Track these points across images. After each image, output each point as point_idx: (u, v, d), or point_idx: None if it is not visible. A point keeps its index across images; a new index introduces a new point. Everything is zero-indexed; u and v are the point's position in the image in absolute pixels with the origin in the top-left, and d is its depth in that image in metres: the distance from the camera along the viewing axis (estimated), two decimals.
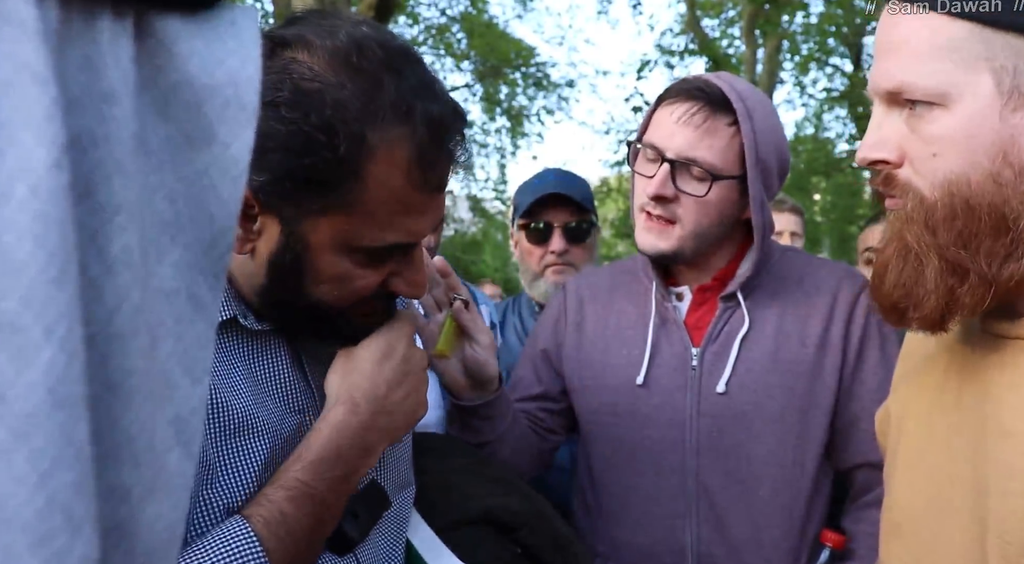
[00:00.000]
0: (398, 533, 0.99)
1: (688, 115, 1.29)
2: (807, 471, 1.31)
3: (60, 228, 0.26)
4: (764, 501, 1.30)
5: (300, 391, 0.91)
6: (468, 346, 1.21)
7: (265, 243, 0.82)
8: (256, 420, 0.83)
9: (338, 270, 0.82)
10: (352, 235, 0.80)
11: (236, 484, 0.80)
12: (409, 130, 0.77)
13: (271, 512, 0.78)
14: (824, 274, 1.39)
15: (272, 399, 0.87)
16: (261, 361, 0.88)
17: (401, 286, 0.87)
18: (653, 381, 1.37)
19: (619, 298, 1.47)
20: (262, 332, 0.89)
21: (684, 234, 1.31)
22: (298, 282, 0.83)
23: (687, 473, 1.32)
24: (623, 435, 1.38)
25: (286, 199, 0.78)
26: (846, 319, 1.33)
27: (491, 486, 1.11)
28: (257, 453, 0.82)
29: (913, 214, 0.74)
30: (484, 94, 14.88)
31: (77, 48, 0.28)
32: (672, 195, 1.30)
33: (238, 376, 0.84)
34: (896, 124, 0.76)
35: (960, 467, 0.80)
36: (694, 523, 1.32)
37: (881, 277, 0.79)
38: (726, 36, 13.57)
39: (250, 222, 0.81)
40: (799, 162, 14.50)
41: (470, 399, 1.24)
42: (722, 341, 1.35)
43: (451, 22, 14.21)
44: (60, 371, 0.27)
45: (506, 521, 1.03)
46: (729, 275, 1.39)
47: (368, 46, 0.76)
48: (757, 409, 1.31)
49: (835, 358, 1.32)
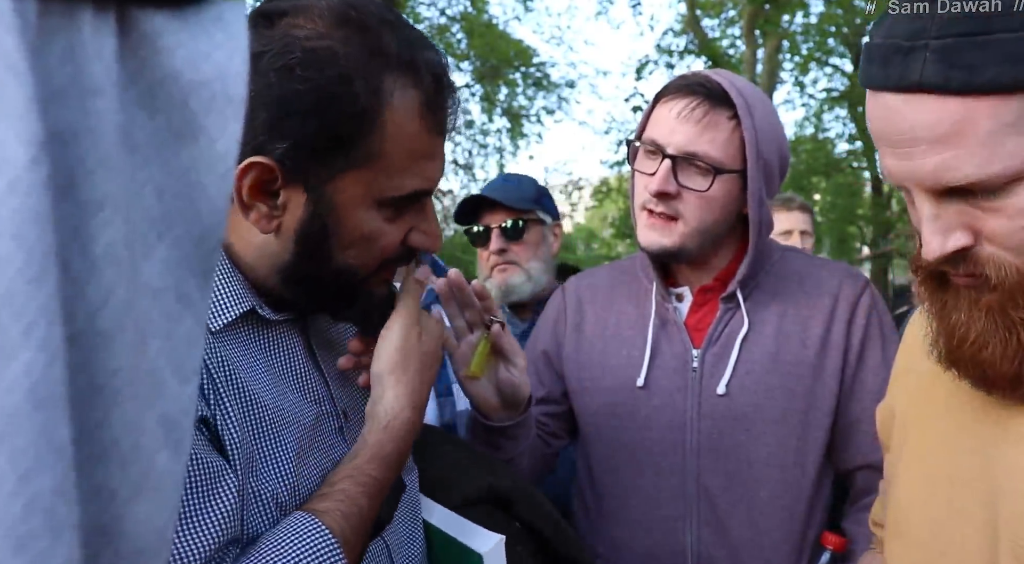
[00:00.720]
0: (415, 515, 1.03)
1: (688, 110, 1.28)
2: (808, 473, 1.31)
3: (39, 225, 0.26)
4: (764, 503, 1.30)
5: (315, 381, 0.94)
6: (504, 368, 1.21)
7: (291, 216, 0.83)
8: (284, 412, 0.85)
9: (365, 229, 0.84)
10: (377, 187, 0.82)
11: (277, 474, 0.82)
12: (416, 77, 0.81)
13: (349, 507, 0.82)
14: (825, 274, 1.38)
15: (292, 390, 0.89)
16: (278, 352, 0.90)
17: (420, 239, 0.90)
18: (653, 382, 1.36)
19: (619, 299, 1.47)
20: (277, 322, 0.91)
21: (687, 230, 1.30)
22: (327, 250, 0.84)
23: (687, 475, 1.32)
24: (623, 437, 1.37)
25: (311, 162, 0.79)
26: (847, 320, 1.33)
27: (483, 467, 1.14)
28: (290, 444, 0.84)
29: (1010, 287, 0.70)
30: (484, 94, 14.88)
31: (58, 41, 0.27)
32: (675, 191, 1.29)
33: (260, 369, 0.86)
34: (957, 208, 0.71)
35: (969, 468, 0.79)
36: (694, 525, 1.31)
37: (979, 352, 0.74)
38: (726, 36, 13.57)
39: (272, 198, 0.82)
40: (799, 162, 14.50)
41: (500, 419, 1.24)
42: (723, 342, 1.34)
43: (451, 22, 14.20)
44: (40, 371, 0.26)
45: (505, 497, 1.07)
46: (730, 276, 1.38)
47: (360, 4, 0.80)
48: (758, 410, 1.30)
49: (836, 359, 1.31)
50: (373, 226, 0.85)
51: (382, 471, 0.86)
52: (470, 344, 1.19)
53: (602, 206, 16.98)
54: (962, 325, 0.75)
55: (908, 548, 0.87)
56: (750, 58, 11.56)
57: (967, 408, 0.81)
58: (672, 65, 11.25)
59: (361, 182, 0.82)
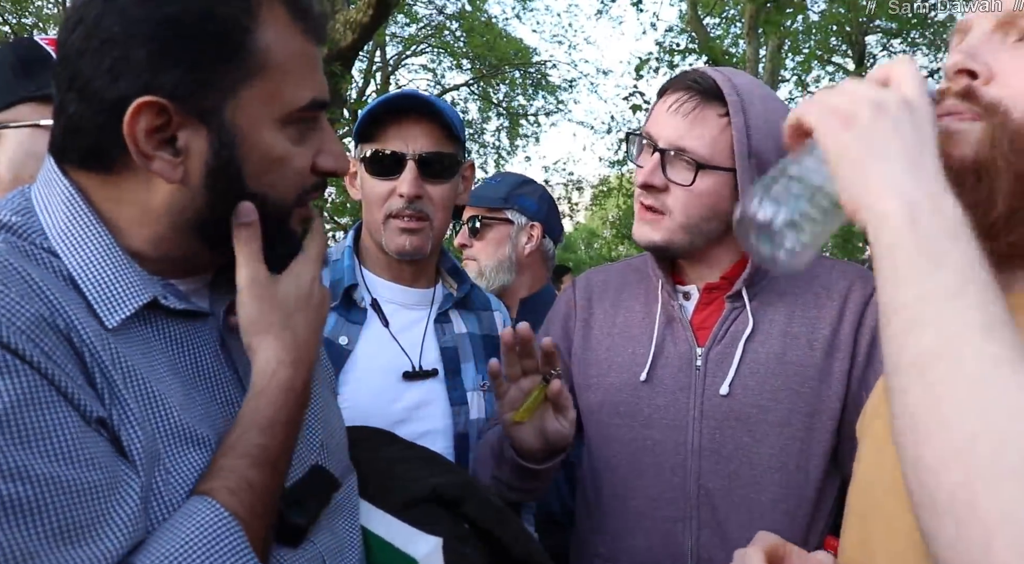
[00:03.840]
0: (352, 519, 1.00)
1: (678, 104, 1.29)
2: (811, 477, 1.29)
3: None
4: (766, 506, 1.28)
5: (227, 381, 0.88)
6: (554, 418, 1.25)
7: (196, 158, 0.80)
8: (191, 414, 0.80)
9: (275, 152, 0.82)
10: (275, 101, 0.81)
11: (190, 474, 0.77)
12: None
13: (237, 482, 0.77)
14: (835, 275, 1.36)
15: (199, 391, 0.84)
16: (184, 350, 0.85)
17: (329, 161, 0.88)
18: (657, 380, 1.36)
19: (628, 296, 1.47)
20: (185, 317, 0.86)
21: (673, 225, 1.31)
22: (241, 183, 0.82)
23: (688, 475, 1.31)
24: (625, 435, 1.37)
25: (202, 86, 0.77)
26: (856, 322, 1.31)
27: (429, 467, 1.13)
28: (202, 444, 0.80)
29: (996, 132, 0.71)
30: (482, 93, 14.87)
31: None
32: (662, 184, 1.30)
33: (162, 369, 0.81)
34: (995, 46, 0.73)
35: None
36: (694, 527, 1.30)
37: None
38: (728, 35, 13.54)
39: (171, 145, 0.79)
40: None
41: (536, 463, 1.27)
42: (727, 342, 1.33)
43: (449, 20, 14.19)
44: None
45: (452, 496, 1.05)
46: (737, 274, 1.37)
47: None
48: (761, 412, 1.29)
49: (843, 362, 1.29)
50: (282, 148, 0.83)
51: (267, 438, 0.80)
52: (520, 390, 1.23)
53: (601, 207, 16.94)
54: None
55: (857, 532, 0.86)
56: (752, 56, 11.52)
57: None
58: (674, 64, 11.22)
59: (257, 98, 0.80)
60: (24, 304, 0.68)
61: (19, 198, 0.82)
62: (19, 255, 0.75)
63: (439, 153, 1.46)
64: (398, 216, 1.46)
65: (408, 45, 15.05)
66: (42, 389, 0.67)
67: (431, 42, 14.74)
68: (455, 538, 0.98)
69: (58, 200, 0.80)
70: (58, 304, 0.72)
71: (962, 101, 0.73)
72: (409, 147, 1.44)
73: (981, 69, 0.72)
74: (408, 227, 1.46)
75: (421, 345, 1.52)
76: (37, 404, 0.66)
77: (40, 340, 0.68)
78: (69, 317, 0.72)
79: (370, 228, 1.53)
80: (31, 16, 9.97)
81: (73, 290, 0.77)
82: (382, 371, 1.46)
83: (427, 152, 1.45)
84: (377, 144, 1.46)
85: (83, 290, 0.77)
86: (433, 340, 1.53)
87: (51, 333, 0.69)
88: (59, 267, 0.77)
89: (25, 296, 0.69)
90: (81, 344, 0.72)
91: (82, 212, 0.80)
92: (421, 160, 1.44)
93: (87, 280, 0.77)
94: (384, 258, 1.54)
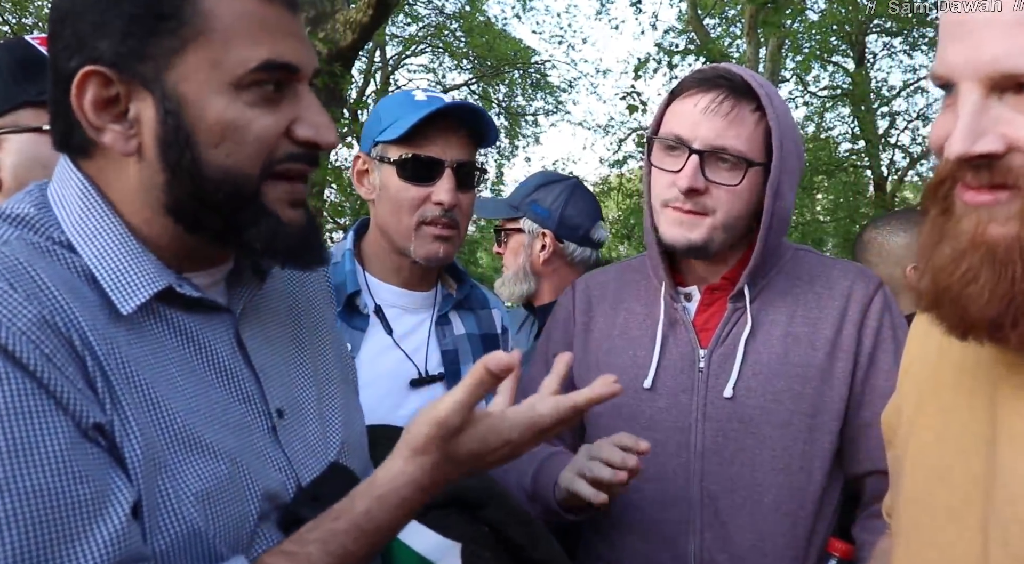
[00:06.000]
0: None
1: (715, 104, 1.27)
2: (814, 478, 1.29)
3: None
4: (769, 508, 1.28)
5: (244, 377, 0.86)
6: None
7: (147, 129, 0.77)
8: (199, 412, 0.79)
9: (226, 117, 0.77)
10: (221, 65, 0.76)
11: (196, 476, 0.76)
12: None
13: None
14: (837, 274, 1.36)
15: (214, 386, 0.83)
16: (198, 345, 0.83)
17: (308, 131, 0.81)
18: (660, 383, 1.35)
19: (628, 298, 1.46)
20: (200, 308, 0.84)
21: (716, 224, 1.30)
22: (194, 153, 0.77)
23: (691, 478, 1.30)
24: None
25: (142, 52, 0.75)
26: (859, 322, 1.30)
27: None
28: (209, 444, 0.78)
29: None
30: (482, 93, 14.87)
31: None
32: (703, 187, 1.28)
33: (172, 365, 0.79)
34: (997, 110, 0.67)
35: (968, 470, 0.77)
36: (697, 529, 1.30)
37: (966, 287, 0.69)
38: (728, 34, 13.53)
39: (122, 115, 0.77)
40: None
41: (576, 514, 1.30)
42: (730, 343, 1.33)
43: (449, 19, 14.18)
44: None
45: (472, 500, 1.04)
46: (739, 275, 1.36)
47: None
48: (764, 414, 1.28)
49: (846, 363, 1.29)
50: (234, 113, 0.77)
51: (359, 546, 0.78)
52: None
53: (603, 206, 16.91)
54: (955, 256, 0.70)
55: (904, 546, 0.85)
56: (752, 56, 11.52)
57: (968, 406, 0.80)
58: (673, 64, 11.21)
59: (200, 63, 0.75)
60: (27, 305, 0.68)
61: (36, 191, 0.82)
62: (32, 252, 0.74)
63: (471, 162, 1.47)
64: (433, 223, 1.44)
65: (408, 45, 15.06)
66: (33, 397, 0.66)
67: (431, 42, 14.74)
68: (474, 541, 0.98)
69: (72, 192, 0.80)
70: (64, 304, 0.71)
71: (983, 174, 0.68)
72: (447, 154, 1.43)
73: (998, 147, 0.66)
74: (442, 235, 1.45)
75: (426, 350, 1.51)
76: (26, 413, 0.65)
77: (41, 342, 0.67)
78: (74, 318, 0.71)
79: (392, 232, 1.48)
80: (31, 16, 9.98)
81: (87, 285, 0.76)
82: (386, 378, 1.45)
83: (463, 160, 1.44)
84: (414, 148, 1.42)
85: (99, 280, 0.76)
86: (435, 344, 1.53)
87: (53, 335, 0.68)
88: (73, 262, 0.77)
89: (30, 297, 0.68)
90: (84, 346, 0.71)
91: (95, 203, 0.79)
92: (457, 168, 1.44)
93: (102, 269, 0.77)
94: (393, 262, 1.51)
